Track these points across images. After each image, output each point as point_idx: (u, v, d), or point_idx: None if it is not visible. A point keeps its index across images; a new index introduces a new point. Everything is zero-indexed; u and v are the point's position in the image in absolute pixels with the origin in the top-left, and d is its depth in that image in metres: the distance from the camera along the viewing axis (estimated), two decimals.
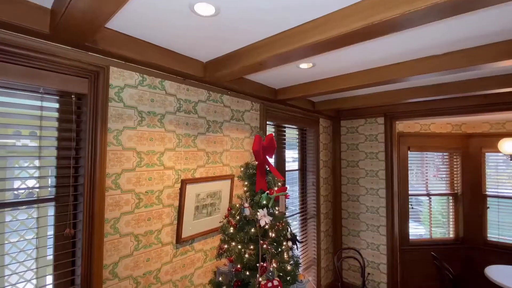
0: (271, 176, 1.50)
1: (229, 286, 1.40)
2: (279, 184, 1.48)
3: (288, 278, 1.43)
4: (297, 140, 3.25)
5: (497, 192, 3.61)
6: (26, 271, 1.21)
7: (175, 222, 1.73)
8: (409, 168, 3.68)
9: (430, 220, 3.74)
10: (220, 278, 1.46)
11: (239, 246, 1.41)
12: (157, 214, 1.63)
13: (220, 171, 2.04)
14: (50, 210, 1.31)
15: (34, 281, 1.24)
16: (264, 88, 2.32)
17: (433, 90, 2.33)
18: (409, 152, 3.71)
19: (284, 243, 1.45)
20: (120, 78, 1.47)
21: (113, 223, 1.43)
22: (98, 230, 1.35)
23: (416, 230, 3.69)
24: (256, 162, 1.54)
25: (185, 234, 1.77)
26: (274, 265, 1.34)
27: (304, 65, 1.81)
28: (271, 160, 1.72)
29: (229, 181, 2.07)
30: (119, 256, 1.45)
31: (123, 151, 1.48)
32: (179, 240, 1.73)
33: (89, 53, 1.35)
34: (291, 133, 3.15)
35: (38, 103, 1.27)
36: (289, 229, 1.50)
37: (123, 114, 1.48)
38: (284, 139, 2.93)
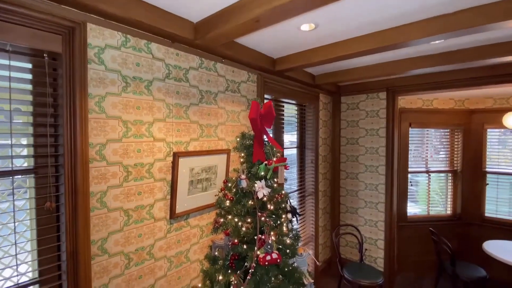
0: (270, 147, 1.39)
1: (225, 260, 1.33)
2: (278, 155, 1.38)
3: (287, 251, 1.37)
4: (296, 117, 3.13)
5: (498, 168, 3.57)
6: (11, 245, 1.12)
7: (168, 197, 1.64)
8: (409, 145, 3.61)
9: (428, 197, 3.72)
10: (216, 253, 1.39)
11: (236, 219, 1.33)
12: (148, 189, 1.53)
13: (215, 145, 1.93)
14: (31, 182, 1.20)
15: (20, 256, 1.15)
16: (262, 57, 2.15)
17: (441, 58, 2.19)
18: (410, 129, 3.62)
19: (283, 216, 1.36)
20: (99, 37, 1.31)
21: (99, 197, 1.33)
22: (82, 204, 1.25)
23: (411, 210, 3.67)
24: (253, 133, 1.42)
25: (179, 209, 1.68)
26: (273, 238, 1.27)
27: (305, 27, 1.65)
28: (269, 132, 1.61)
29: (225, 156, 1.96)
30: (108, 232, 1.36)
31: (107, 120, 1.35)
32: (173, 215, 1.65)
33: (62, 5, 1.18)
34: (290, 109, 3.02)
35: (6, 61, 1.12)
36: (288, 202, 1.42)
37: (105, 79, 1.34)
38: (283, 116, 2.80)
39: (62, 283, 1.25)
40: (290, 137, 3.11)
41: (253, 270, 1.19)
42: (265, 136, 1.41)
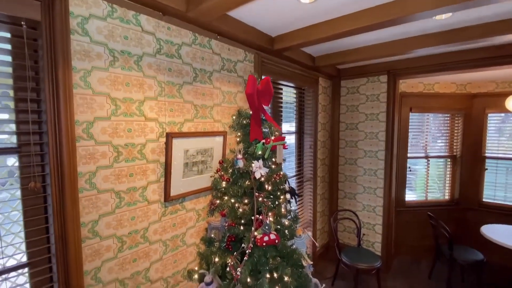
0: (268, 125, 1.32)
1: (222, 242, 1.29)
2: (276, 133, 1.31)
3: (286, 232, 1.32)
4: (295, 102, 3.04)
5: (497, 153, 3.54)
6: None
7: (162, 179, 1.58)
8: (409, 130, 3.56)
9: (427, 182, 3.71)
10: (212, 234, 1.34)
11: (232, 200, 1.28)
12: (140, 170, 1.47)
13: (211, 127, 1.85)
14: (14, 160, 1.13)
15: (6, 239, 1.10)
16: (259, 35, 2.05)
17: (446, 37, 2.10)
18: (410, 113, 3.55)
19: (282, 197, 1.31)
20: (83, 5, 1.21)
21: (88, 177, 1.26)
22: (70, 185, 1.18)
23: (408, 197, 3.66)
24: (250, 112, 1.35)
25: (174, 192, 1.63)
26: (270, 219, 1.22)
27: None
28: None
29: (221, 138, 1.89)
30: (98, 214, 1.31)
31: (94, 96, 1.26)
32: (168, 198, 1.59)
33: None
34: (289, 95, 2.93)
35: None
36: (287, 182, 1.36)
37: (91, 52, 1.24)
38: (281, 101, 2.72)
39: (52, 266, 1.21)
40: (289, 124, 3.03)
41: (250, 251, 1.15)
42: (262, 115, 1.34)
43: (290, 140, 3.07)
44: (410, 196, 3.67)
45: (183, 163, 1.66)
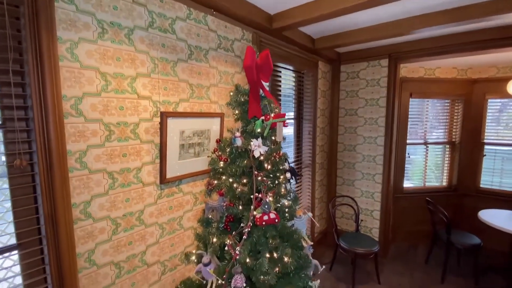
0: (267, 101, 1.26)
1: (220, 222, 1.25)
2: (276, 110, 1.25)
3: (285, 214, 1.29)
4: (294, 86, 2.96)
5: (496, 139, 3.53)
6: None
7: (157, 161, 1.52)
8: (409, 117, 3.52)
9: (425, 169, 3.70)
10: (210, 215, 1.30)
11: (230, 180, 1.23)
12: (134, 151, 1.41)
13: (207, 109, 1.79)
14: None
15: None
16: (258, 12, 1.95)
17: (453, 15, 2.02)
18: (410, 99, 3.50)
19: (281, 177, 1.27)
20: None
21: (78, 156, 1.20)
22: (58, 163, 1.12)
23: (406, 184, 3.65)
24: (248, 87, 1.28)
25: (170, 174, 1.57)
26: (270, 198, 1.17)
27: None
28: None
29: (218, 120, 1.83)
30: (91, 195, 1.25)
31: (82, 70, 1.19)
32: (164, 180, 1.54)
33: None
34: (287, 76, 2.85)
35: None
36: (287, 161, 1.32)
37: (77, 21, 1.16)
38: (280, 84, 2.64)
39: (43, 247, 1.16)
40: (287, 110, 2.96)
41: (249, 229, 1.11)
42: (261, 91, 1.27)
43: (289, 127, 3.01)
44: (408, 183, 3.67)
45: (179, 144, 1.60)
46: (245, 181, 1.24)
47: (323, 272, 2.92)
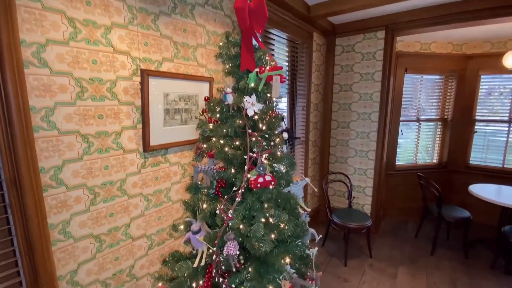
0: (262, 52, 1.12)
1: (211, 188, 1.14)
2: (272, 63, 1.12)
3: (281, 182, 1.18)
4: (287, 59, 2.80)
5: (487, 116, 3.53)
6: None
7: (140, 126, 1.38)
8: (403, 93, 3.45)
9: (417, 146, 3.70)
10: (199, 182, 1.18)
11: (221, 142, 1.10)
12: (111, 112, 1.26)
13: (194, 72, 1.63)
14: None
15: None
16: None
17: None
18: (405, 74, 3.43)
19: (277, 139, 1.15)
20: None
21: (45, 114, 1.04)
22: (20, 120, 0.96)
23: (397, 161, 3.65)
24: (240, 36, 1.14)
25: (154, 141, 1.43)
26: (265, 161, 1.06)
27: None
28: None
29: (207, 85, 1.68)
30: (62, 160, 1.11)
31: (44, 12, 1.00)
32: (147, 148, 1.40)
33: None
34: (280, 49, 2.68)
35: None
36: (283, 122, 1.20)
37: None
38: (273, 54, 2.48)
39: (8, 216, 1.02)
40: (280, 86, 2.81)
41: (243, 191, 1.00)
42: (255, 41, 1.13)
43: (282, 102, 2.88)
44: (400, 160, 3.67)
45: (163, 108, 1.45)
46: (237, 143, 1.12)
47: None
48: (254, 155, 1.02)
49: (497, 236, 2.79)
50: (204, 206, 1.08)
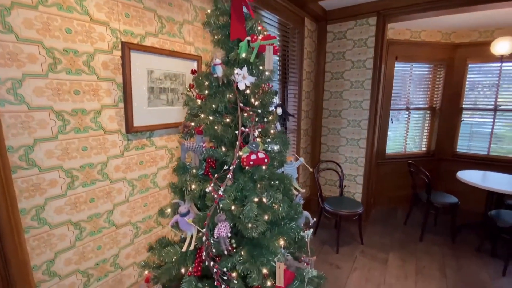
0: (254, 21, 1.04)
1: (200, 169, 1.06)
2: (265, 33, 1.04)
3: (274, 161, 1.12)
4: (278, 44, 2.72)
5: (474, 105, 3.60)
6: None
7: (121, 104, 1.28)
8: (393, 82, 3.45)
9: (406, 135, 3.73)
10: (187, 162, 1.10)
11: (211, 118, 1.03)
12: (90, 88, 1.15)
13: (181, 49, 1.53)
14: None
15: None
16: None
17: None
18: (396, 63, 3.42)
19: (270, 117, 1.09)
20: None
21: (11, 86, 0.93)
22: None
23: (387, 149, 3.68)
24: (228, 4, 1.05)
25: (138, 122, 1.34)
26: (258, 139, 1.00)
27: None
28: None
29: (195, 64, 1.58)
30: (33, 138, 1.00)
31: None
32: (130, 129, 1.30)
33: None
34: (271, 31, 2.59)
35: None
36: (276, 96, 1.13)
37: None
38: None
39: None
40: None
41: (234, 167, 0.93)
42: (245, 9, 1.05)
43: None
44: (389, 149, 3.69)
45: (147, 87, 1.35)
46: (228, 120, 1.04)
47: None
48: (247, 129, 0.95)
49: (483, 221, 2.86)
50: (193, 186, 1.00)
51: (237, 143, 0.94)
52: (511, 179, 2.75)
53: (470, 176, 2.83)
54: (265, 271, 0.96)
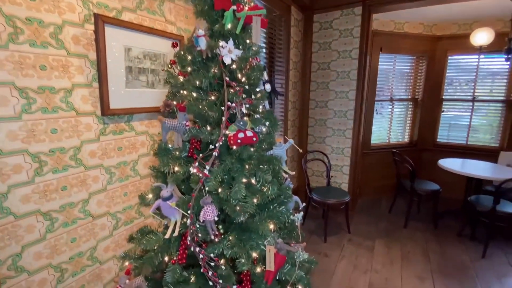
0: None
1: (183, 150, 0.99)
2: (251, 4, 0.97)
3: (262, 144, 1.06)
4: (265, 33, 2.65)
5: (453, 95, 3.71)
6: None
7: (96, 84, 1.17)
8: (378, 73, 3.49)
9: (390, 125, 3.80)
10: (170, 144, 1.02)
11: (194, 94, 0.95)
12: (58, 64, 1.04)
13: (162, 28, 1.43)
14: None
15: None
16: None
17: None
18: (380, 54, 3.46)
19: (259, 94, 1.03)
20: None
21: None
22: None
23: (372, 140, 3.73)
24: None
25: (114, 104, 1.23)
26: (246, 117, 0.94)
27: None
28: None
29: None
30: None
31: None
32: (106, 111, 1.20)
33: None
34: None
35: None
36: (265, 70, 1.08)
37: None
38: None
39: None
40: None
41: (221, 143, 0.87)
42: None
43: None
44: (374, 140, 3.75)
45: (125, 66, 1.25)
46: (213, 97, 0.97)
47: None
48: (233, 104, 0.88)
49: (463, 207, 2.97)
50: (176, 168, 0.93)
51: (223, 119, 0.87)
52: (488, 166, 2.87)
53: (451, 164, 2.93)
54: (254, 255, 0.91)
